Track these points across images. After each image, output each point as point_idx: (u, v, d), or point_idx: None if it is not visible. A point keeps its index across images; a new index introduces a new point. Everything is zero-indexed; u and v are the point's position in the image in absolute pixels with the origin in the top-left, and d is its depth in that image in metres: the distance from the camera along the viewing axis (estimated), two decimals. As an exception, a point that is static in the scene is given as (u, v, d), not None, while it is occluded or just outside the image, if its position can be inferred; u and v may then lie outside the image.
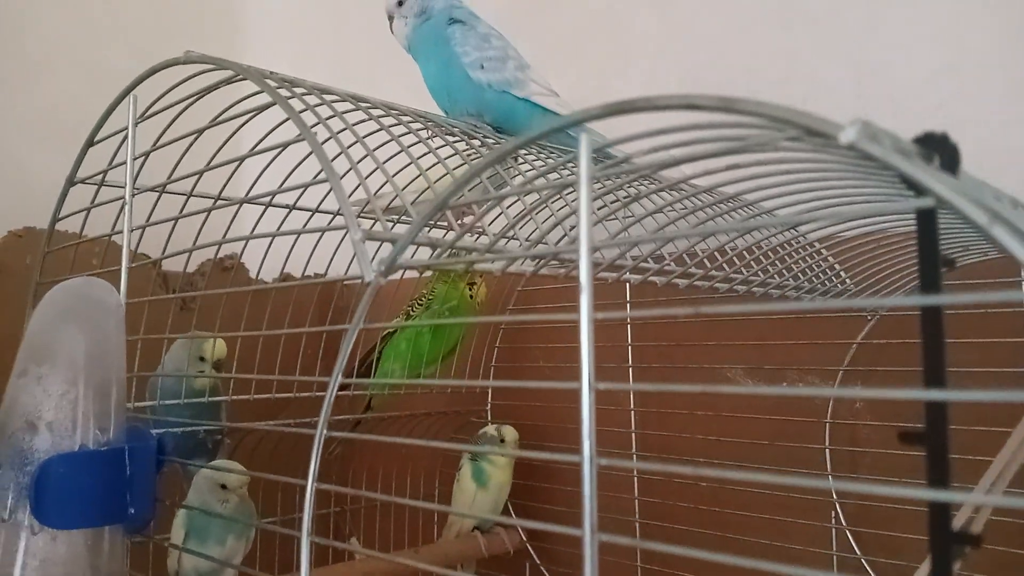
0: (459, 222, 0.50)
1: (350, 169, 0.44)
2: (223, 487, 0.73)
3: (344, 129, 0.48)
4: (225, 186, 0.53)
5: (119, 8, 1.20)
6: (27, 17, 1.08)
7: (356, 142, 0.47)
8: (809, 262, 0.65)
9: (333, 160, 0.41)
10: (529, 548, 1.02)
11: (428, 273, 0.98)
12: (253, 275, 1.19)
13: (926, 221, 0.26)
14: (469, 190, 0.49)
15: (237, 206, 0.59)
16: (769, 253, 0.62)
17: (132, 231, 0.57)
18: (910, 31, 0.82)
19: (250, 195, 0.62)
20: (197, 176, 0.53)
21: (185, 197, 0.55)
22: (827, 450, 0.78)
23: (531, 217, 0.37)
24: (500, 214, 0.45)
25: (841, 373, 0.78)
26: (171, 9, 1.28)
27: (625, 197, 0.40)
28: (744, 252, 0.59)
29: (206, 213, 0.53)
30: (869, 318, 0.77)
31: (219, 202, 0.61)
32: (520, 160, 0.66)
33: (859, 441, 0.76)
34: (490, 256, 0.36)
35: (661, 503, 0.89)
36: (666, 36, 1.02)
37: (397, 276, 1.00)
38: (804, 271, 0.65)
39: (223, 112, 0.52)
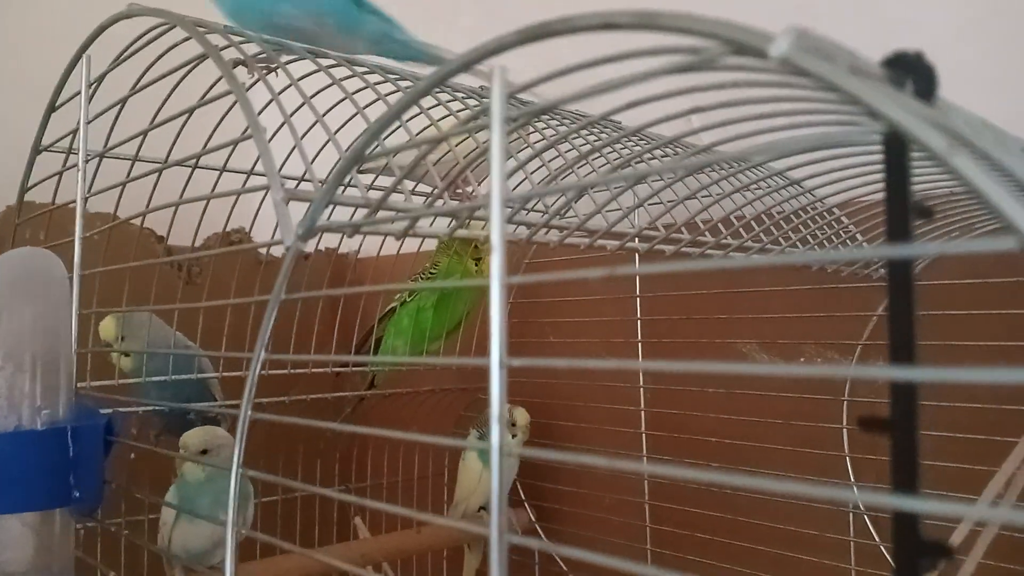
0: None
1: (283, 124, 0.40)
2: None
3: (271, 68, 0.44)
4: (172, 148, 0.49)
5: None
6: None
7: (284, 88, 0.42)
8: (820, 222, 0.60)
9: (260, 113, 0.37)
10: (538, 529, 0.99)
11: (434, 245, 0.94)
12: (263, 248, 1.16)
13: (894, 152, 0.21)
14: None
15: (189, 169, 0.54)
16: (773, 215, 0.57)
17: (87, 197, 0.54)
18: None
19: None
20: (141, 138, 0.49)
21: (130, 162, 0.52)
22: (844, 429, 0.73)
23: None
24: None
25: (860, 348, 0.72)
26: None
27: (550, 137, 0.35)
28: (753, 221, 0.54)
29: (157, 174, 0.49)
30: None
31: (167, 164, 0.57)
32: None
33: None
34: (393, 216, 0.32)
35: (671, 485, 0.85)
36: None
37: (394, 250, 0.96)
38: (814, 233, 0.60)
39: (171, 73, 0.49)
